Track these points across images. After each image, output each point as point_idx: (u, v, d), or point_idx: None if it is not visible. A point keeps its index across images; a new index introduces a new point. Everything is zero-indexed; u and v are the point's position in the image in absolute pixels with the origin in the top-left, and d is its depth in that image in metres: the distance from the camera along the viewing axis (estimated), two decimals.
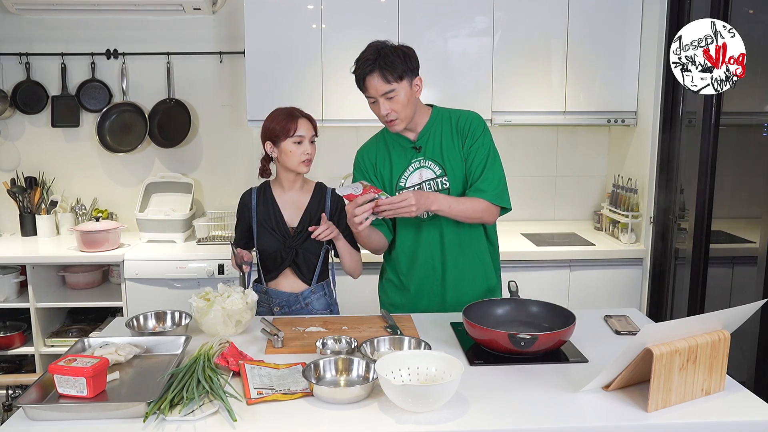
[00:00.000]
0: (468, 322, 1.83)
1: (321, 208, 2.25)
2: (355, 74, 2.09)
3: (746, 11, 2.85)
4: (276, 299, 2.27)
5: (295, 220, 2.26)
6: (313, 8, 3.20)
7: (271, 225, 2.25)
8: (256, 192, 2.31)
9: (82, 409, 1.48)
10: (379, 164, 2.23)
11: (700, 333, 1.54)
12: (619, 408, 1.51)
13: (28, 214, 3.48)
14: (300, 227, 2.24)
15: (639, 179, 3.27)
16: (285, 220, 2.26)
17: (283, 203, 2.27)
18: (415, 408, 1.47)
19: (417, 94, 2.12)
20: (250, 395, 1.55)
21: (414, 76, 2.08)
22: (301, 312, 2.27)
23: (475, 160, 2.13)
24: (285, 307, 2.27)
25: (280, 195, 2.29)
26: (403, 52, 2.05)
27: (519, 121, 3.35)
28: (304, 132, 2.17)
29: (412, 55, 2.08)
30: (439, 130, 2.18)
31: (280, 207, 2.27)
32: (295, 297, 2.26)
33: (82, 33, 3.50)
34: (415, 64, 2.08)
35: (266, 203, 2.28)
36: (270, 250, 2.26)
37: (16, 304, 3.14)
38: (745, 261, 2.81)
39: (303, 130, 2.17)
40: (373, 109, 2.11)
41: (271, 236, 2.25)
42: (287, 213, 2.27)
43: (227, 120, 3.64)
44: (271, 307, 2.28)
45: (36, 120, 3.57)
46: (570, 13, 3.24)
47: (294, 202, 2.28)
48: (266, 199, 2.28)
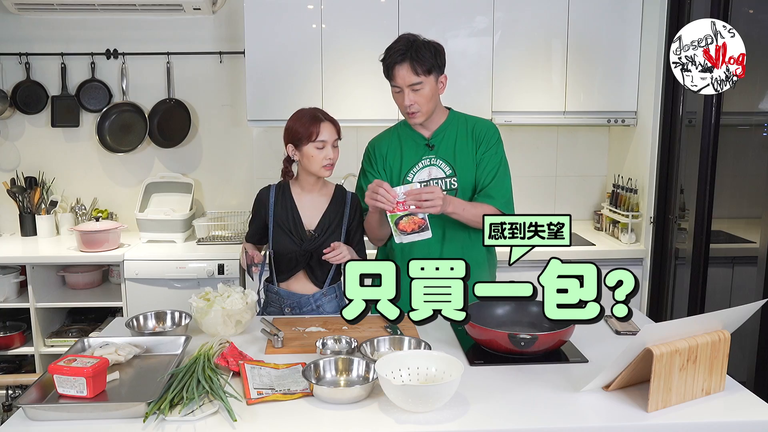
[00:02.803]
0: (468, 322, 1.83)
1: (340, 213, 2.22)
2: (384, 62, 2.14)
3: (746, 11, 2.85)
4: (287, 300, 2.24)
5: (313, 223, 2.21)
6: (313, 8, 3.20)
7: (288, 226, 2.20)
8: (274, 190, 2.25)
9: (82, 409, 1.48)
10: (390, 156, 2.25)
11: (700, 333, 1.54)
12: (619, 408, 1.51)
13: (28, 214, 3.48)
14: (318, 231, 2.20)
15: (639, 179, 3.27)
16: (303, 222, 2.21)
17: (302, 205, 2.22)
18: (415, 408, 1.47)
19: (441, 90, 2.17)
20: (250, 395, 1.55)
21: (441, 73, 2.14)
22: (312, 314, 2.23)
23: (487, 167, 2.18)
24: (296, 308, 2.24)
25: (299, 196, 2.23)
26: (434, 48, 2.11)
27: (519, 121, 3.35)
28: (327, 136, 2.13)
29: (441, 52, 2.13)
30: (454, 131, 2.22)
31: (299, 209, 2.22)
32: (306, 299, 2.23)
33: (82, 33, 3.50)
34: (443, 61, 2.13)
35: (284, 203, 2.23)
36: (285, 252, 2.21)
37: (16, 304, 3.14)
38: (745, 261, 2.82)
39: (326, 134, 2.13)
40: (396, 99, 2.16)
41: (287, 238, 2.19)
42: (306, 215, 2.22)
43: (227, 120, 3.63)
44: (282, 308, 2.26)
45: (36, 120, 3.57)
46: (570, 13, 3.24)
47: (313, 204, 2.23)
48: (285, 198, 2.23)
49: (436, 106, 2.18)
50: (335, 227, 2.20)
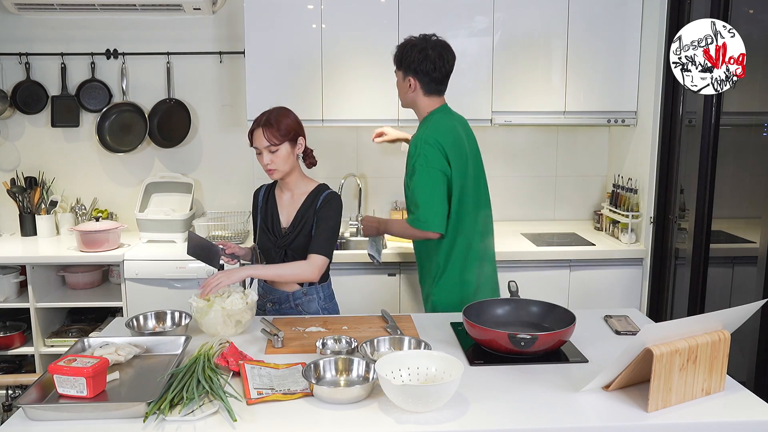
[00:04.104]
0: (468, 322, 1.83)
1: (313, 209, 2.25)
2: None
3: (746, 11, 2.85)
4: (269, 295, 2.32)
5: (288, 221, 2.29)
6: (313, 8, 3.20)
7: (267, 224, 2.31)
8: (264, 190, 2.38)
9: (82, 409, 1.48)
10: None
11: (700, 333, 1.54)
12: (619, 408, 1.51)
13: (28, 214, 3.48)
14: (291, 228, 2.26)
15: (639, 179, 3.27)
16: (280, 220, 2.30)
17: (281, 203, 2.32)
18: (415, 408, 1.47)
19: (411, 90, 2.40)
20: (250, 395, 1.55)
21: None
22: (291, 312, 2.28)
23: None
24: (276, 304, 2.30)
25: (279, 195, 2.33)
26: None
27: (519, 121, 3.34)
28: (259, 144, 2.18)
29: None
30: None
31: (278, 207, 2.31)
32: (285, 296, 2.28)
33: (82, 33, 3.50)
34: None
35: (268, 202, 2.34)
36: (264, 248, 2.32)
37: (16, 304, 3.14)
38: (745, 261, 2.81)
39: (257, 141, 2.18)
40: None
41: (265, 235, 2.30)
42: (283, 213, 2.30)
43: (227, 120, 3.63)
44: (264, 303, 2.33)
45: (36, 120, 3.57)
46: (570, 13, 3.24)
47: (291, 202, 2.30)
48: (268, 198, 2.35)
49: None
50: (303, 224, 2.25)
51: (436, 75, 2.36)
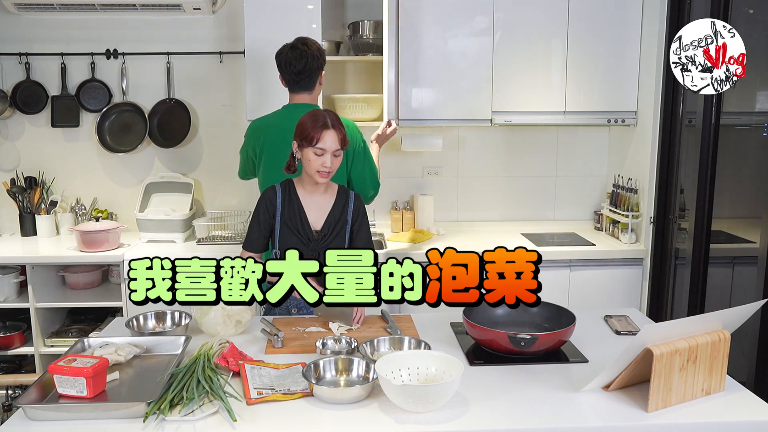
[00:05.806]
0: (468, 322, 1.83)
1: (345, 213, 2.23)
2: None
3: (746, 11, 2.85)
4: (293, 301, 2.24)
5: (319, 223, 2.22)
6: (312, 8, 3.19)
7: (295, 226, 2.20)
8: (280, 189, 2.24)
9: (81, 409, 1.48)
10: None
11: (700, 333, 1.54)
12: (619, 408, 1.51)
13: (28, 214, 3.48)
14: (324, 230, 2.21)
15: (639, 179, 3.27)
16: (309, 222, 2.21)
17: (308, 205, 2.22)
18: (415, 408, 1.47)
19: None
20: (250, 395, 1.55)
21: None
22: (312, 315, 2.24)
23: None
24: (303, 309, 2.25)
25: (304, 196, 2.23)
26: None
27: (519, 121, 3.34)
28: (327, 145, 2.09)
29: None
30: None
31: (305, 208, 2.22)
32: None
33: (82, 33, 3.50)
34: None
35: (291, 203, 2.22)
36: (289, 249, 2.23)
37: (15, 304, 3.14)
38: (745, 261, 2.82)
39: (326, 143, 2.08)
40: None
41: (295, 237, 2.20)
42: (311, 215, 2.22)
43: (227, 120, 3.63)
44: (288, 309, 2.27)
45: (36, 120, 3.57)
46: (570, 13, 3.24)
47: (318, 204, 2.23)
48: (291, 198, 2.23)
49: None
50: (340, 227, 2.21)
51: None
